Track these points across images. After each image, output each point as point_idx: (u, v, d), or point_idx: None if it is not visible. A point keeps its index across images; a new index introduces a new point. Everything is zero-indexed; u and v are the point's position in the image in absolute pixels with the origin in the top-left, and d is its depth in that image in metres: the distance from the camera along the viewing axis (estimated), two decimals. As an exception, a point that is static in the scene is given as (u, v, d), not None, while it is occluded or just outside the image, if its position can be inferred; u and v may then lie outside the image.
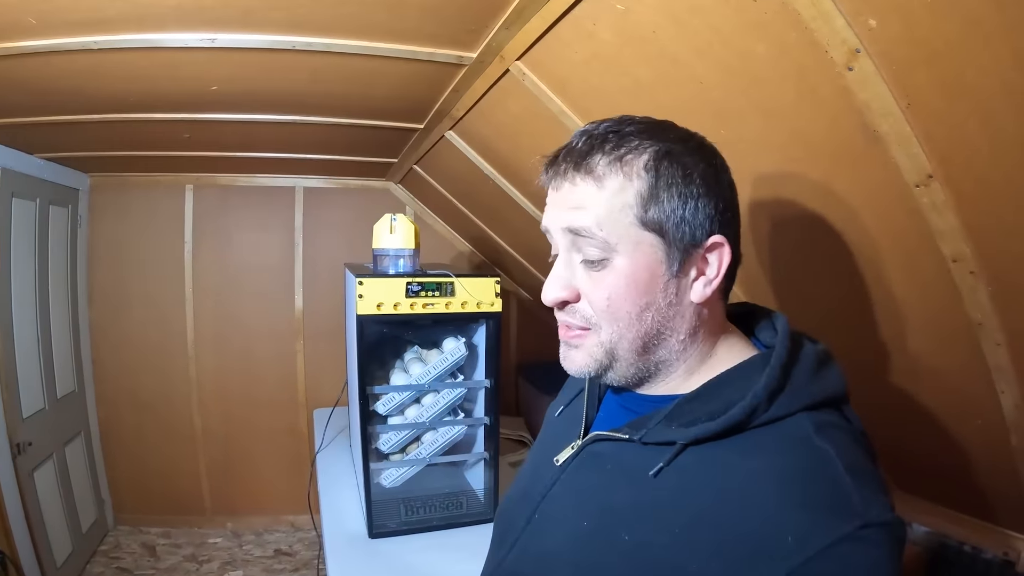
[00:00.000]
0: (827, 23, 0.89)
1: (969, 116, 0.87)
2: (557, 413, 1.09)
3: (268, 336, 4.15)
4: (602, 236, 0.77)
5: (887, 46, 0.87)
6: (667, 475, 0.77)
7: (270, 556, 3.97)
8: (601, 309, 0.79)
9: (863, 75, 0.92)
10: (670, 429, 0.78)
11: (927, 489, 1.72)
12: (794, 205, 1.30)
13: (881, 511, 0.65)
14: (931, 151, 0.95)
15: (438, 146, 2.71)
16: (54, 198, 3.49)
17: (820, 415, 0.75)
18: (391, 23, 1.53)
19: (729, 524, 0.69)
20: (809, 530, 0.64)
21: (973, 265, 1.06)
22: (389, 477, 2.29)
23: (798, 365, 0.78)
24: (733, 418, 0.73)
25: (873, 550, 0.63)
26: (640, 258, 0.77)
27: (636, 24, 1.21)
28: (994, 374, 1.22)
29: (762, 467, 0.71)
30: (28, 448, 3.12)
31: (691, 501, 0.73)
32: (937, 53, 0.83)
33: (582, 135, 0.81)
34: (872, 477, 0.70)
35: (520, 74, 1.65)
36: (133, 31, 1.58)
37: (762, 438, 0.74)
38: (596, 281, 0.79)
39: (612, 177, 0.77)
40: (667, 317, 0.80)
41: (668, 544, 0.72)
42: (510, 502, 1.04)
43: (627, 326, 0.79)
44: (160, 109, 2.31)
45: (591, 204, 0.77)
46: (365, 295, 2.02)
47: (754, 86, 1.14)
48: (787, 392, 0.75)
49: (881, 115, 0.95)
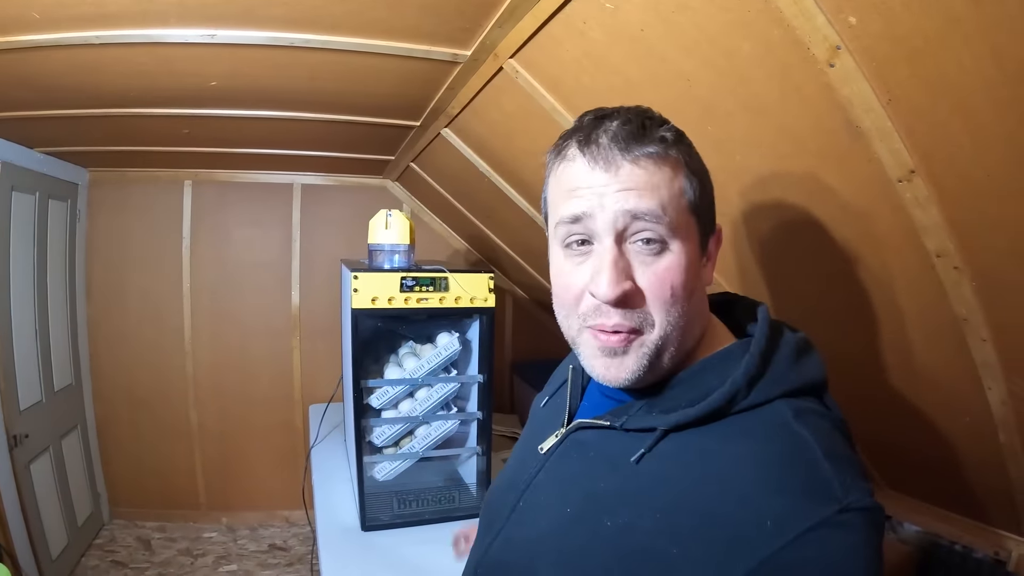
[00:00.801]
0: (808, 20, 0.91)
1: (950, 112, 0.89)
2: (542, 404, 1.10)
3: (264, 332, 4.16)
4: (667, 220, 0.74)
5: (868, 43, 0.89)
6: (648, 461, 0.77)
7: (264, 551, 3.97)
8: (664, 299, 0.76)
9: (844, 71, 0.93)
10: (651, 416, 0.79)
11: (918, 488, 1.72)
12: (781, 201, 1.31)
13: (860, 496, 0.66)
14: (913, 146, 0.97)
15: (434, 144, 2.72)
16: (53, 192, 3.50)
17: (799, 402, 0.76)
18: (390, 20, 1.53)
19: (709, 509, 0.69)
20: (788, 514, 0.65)
21: (957, 260, 1.07)
22: (382, 470, 2.31)
23: (778, 352, 0.79)
24: (712, 404, 0.74)
25: (851, 535, 0.64)
26: (689, 244, 0.77)
27: (625, 23, 1.22)
28: (980, 370, 1.22)
29: (741, 452, 0.71)
30: (25, 440, 3.13)
31: (672, 486, 0.73)
32: (917, 50, 0.84)
33: (609, 118, 0.78)
34: (851, 463, 0.70)
35: (513, 72, 1.66)
36: (135, 26, 1.59)
37: (741, 424, 0.74)
38: (656, 269, 0.76)
39: (670, 160, 0.76)
40: (697, 304, 0.81)
41: (650, 529, 0.72)
42: (496, 491, 1.05)
43: (680, 316, 0.77)
44: (160, 104, 2.32)
45: (655, 185, 0.75)
46: (360, 289, 2.03)
47: (740, 84, 1.15)
48: (766, 379, 0.76)
49: (863, 111, 0.97)
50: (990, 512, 1.56)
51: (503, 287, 4.36)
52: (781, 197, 1.31)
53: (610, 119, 0.77)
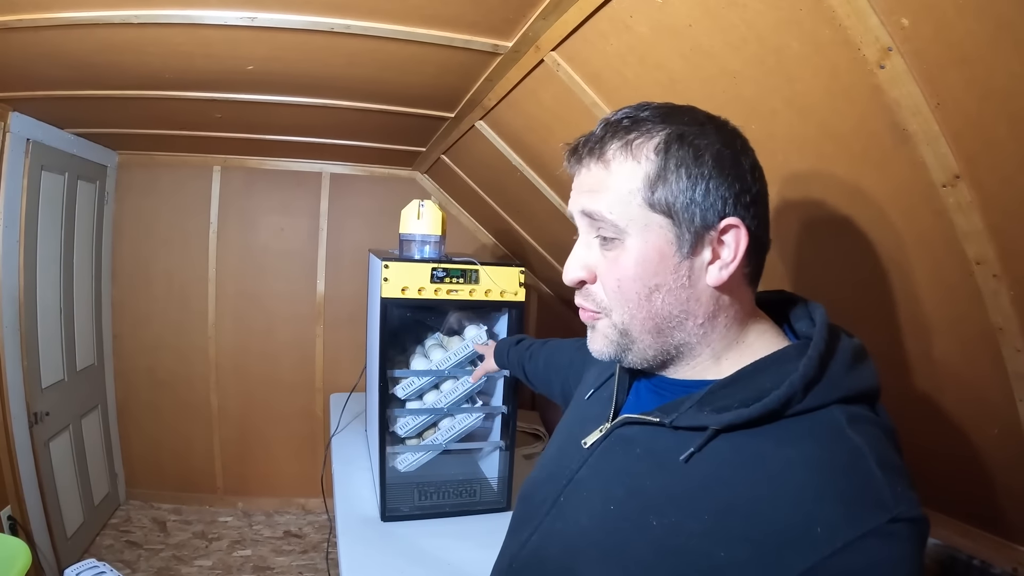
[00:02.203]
0: (861, 21, 0.90)
1: (998, 118, 0.88)
2: (587, 396, 1.09)
3: (288, 320, 4.19)
4: (611, 219, 0.79)
5: (919, 45, 0.88)
6: (698, 461, 0.76)
7: (279, 537, 4.00)
8: (612, 289, 0.82)
9: (894, 73, 0.93)
10: (702, 414, 0.78)
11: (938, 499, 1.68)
12: (821, 202, 1.30)
13: (910, 507, 0.65)
14: (959, 151, 0.96)
15: (467, 136, 2.72)
16: (82, 173, 3.54)
17: (853, 409, 0.75)
18: (432, 8, 1.54)
19: (759, 512, 0.69)
20: (838, 522, 0.64)
21: (996, 268, 1.05)
22: (404, 461, 2.32)
23: (835, 357, 0.77)
24: (768, 406, 0.73)
25: (899, 545, 0.64)
26: (650, 239, 0.78)
27: (673, 17, 1.22)
28: (1013, 382, 1.20)
29: (794, 457, 0.71)
30: (45, 418, 3.17)
31: (722, 488, 0.73)
32: (968, 54, 0.83)
33: (602, 122, 0.84)
34: (902, 472, 0.69)
35: (554, 65, 1.66)
36: (175, 7, 1.61)
37: (795, 428, 0.73)
38: (609, 262, 0.82)
39: (621, 161, 0.79)
40: (680, 300, 0.80)
41: (697, 531, 0.72)
42: (534, 485, 1.04)
43: (637, 307, 0.81)
44: (194, 88, 2.34)
45: (602, 188, 0.80)
46: (390, 278, 2.04)
47: (787, 83, 1.15)
48: (823, 384, 0.75)
49: (911, 113, 0.96)
50: (1012, 527, 1.52)
51: (528, 283, 4.31)
52: (820, 198, 1.30)
53: (600, 124, 0.84)
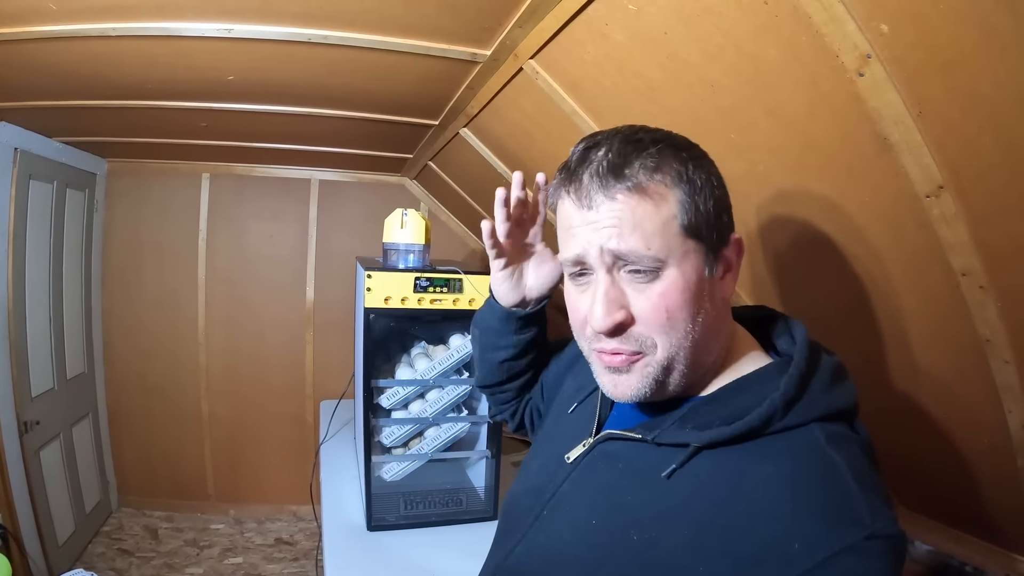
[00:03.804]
0: (838, 27, 0.88)
1: (982, 127, 0.86)
2: (570, 410, 1.07)
3: (278, 326, 4.18)
4: (651, 254, 0.74)
5: (900, 52, 0.86)
6: (679, 477, 0.77)
7: (271, 544, 3.99)
8: (660, 324, 0.76)
9: (874, 81, 0.91)
10: (684, 431, 0.78)
11: (931, 507, 1.69)
12: (803, 213, 1.29)
13: (887, 524, 0.65)
14: (942, 161, 0.94)
15: (453, 143, 2.71)
16: (71, 182, 3.52)
17: (831, 427, 0.75)
18: (408, 18, 1.53)
19: (738, 528, 0.69)
20: (816, 538, 0.65)
21: (983, 280, 1.04)
22: (390, 471, 2.30)
23: (816, 376, 0.78)
24: (749, 424, 0.73)
25: (875, 562, 0.64)
26: (688, 266, 0.76)
27: (648, 25, 1.20)
28: (1002, 393, 1.19)
29: (773, 473, 0.71)
30: (35, 427, 3.16)
31: (703, 504, 0.73)
32: (951, 61, 0.81)
33: (596, 148, 0.78)
34: (879, 489, 0.70)
35: (533, 73, 1.65)
36: (152, 19, 1.60)
37: (774, 445, 0.74)
38: (649, 296, 0.76)
39: (653, 189, 0.75)
40: (712, 319, 0.80)
41: (678, 545, 0.72)
42: (516, 497, 1.04)
43: (684, 336, 0.77)
44: (178, 97, 2.33)
45: (636, 221, 0.74)
46: (373, 288, 2.03)
47: (766, 91, 1.13)
48: (803, 402, 0.75)
49: (892, 123, 0.94)
50: (1003, 534, 1.52)
51: (518, 290, 4.32)
52: (803, 209, 1.28)
53: (596, 149, 0.78)
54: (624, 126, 0.81)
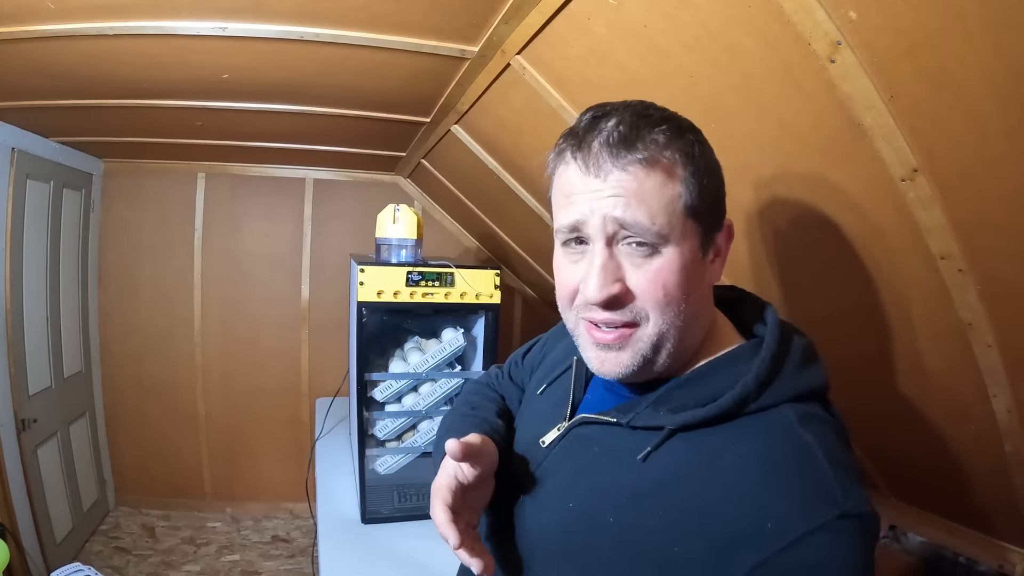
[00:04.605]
0: (809, 15, 0.90)
1: (952, 109, 0.87)
2: (539, 391, 1.07)
3: (274, 325, 4.18)
4: (655, 229, 0.74)
5: (868, 37, 0.87)
6: (655, 460, 0.77)
7: (267, 542, 3.99)
8: (656, 300, 0.76)
9: (845, 67, 0.92)
10: (659, 414, 0.79)
11: (922, 498, 1.69)
12: (782, 201, 1.30)
13: (858, 503, 0.66)
14: (916, 145, 0.95)
15: (444, 140, 2.72)
16: (68, 181, 3.53)
17: (803, 407, 0.76)
18: (398, 15, 1.55)
19: (712, 509, 0.70)
20: (788, 518, 0.66)
21: (962, 263, 1.05)
22: (384, 464, 2.31)
23: (788, 357, 0.79)
24: (722, 406, 0.74)
25: (848, 540, 0.65)
26: (686, 247, 0.76)
27: (628, 18, 1.22)
28: (986, 377, 1.20)
29: (747, 454, 0.72)
30: (33, 425, 3.16)
31: (678, 486, 0.74)
32: (918, 45, 0.83)
33: (606, 118, 0.77)
34: (851, 469, 0.70)
35: (520, 68, 1.66)
36: (148, 18, 1.61)
37: (748, 426, 0.74)
38: (647, 271, 0.76)
39: (664, 165, 0.75)
40: (701, 301, 0.81)
41: (654, 527, 0.73)
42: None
43: (676, 315, 0.77)
44: (173, 96, 2.34)
45: (644, 194, 0.74)
46: (366, 282, 2.05)
47: (742, 81, 1.14)
48: (776, 384, 0.76)
49: (865, 108, 0.95)
50: (995, 524, 1.53)
51: (512, 286, 4.37)
52: (783, 196, 1.29)
53: (606, 119, 0.77)
54: (635, 100, 0.81)
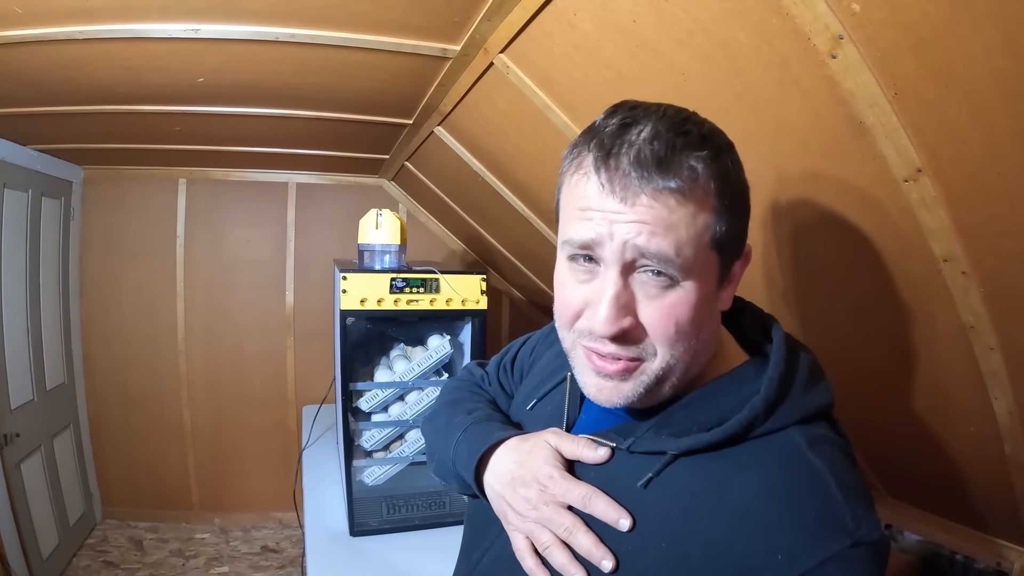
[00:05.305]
0: (809, 8, 0.86)
1: (959, 106, 0.84)
2: (529, 407, 1.01)
3: (259, 332, 4.15)
4: (678, 262, 0.67)
5: (872, 32, 0.84)
6: (656, 486, 0.74)
7: (257, 552, 3.97)
8: (667, 336, 0.70)
9: (847, 63, 0.89)
10: (660, 438, 0.75)
11: (920, 496, 1.71)
12: (779, 202, 1.27)
13: (870, 529, 0.64)
14: (920, 144, 0.92)
15: (428, 142, 2.70)
16: (47, 190, 3.48)
17: (811, 429, 0.73)
18: (375, 14, 1.52)
19: (718, 539, 0.67)
20: (799, 549, 0.63)
21: (965, 265, 1.03)
22: (372, 475, 2.27)
23: (795, 377, 0.75)
24: (729, 431, 0.71)
25: (860, 569, 0.63)
26: (705, 279, 0.71)
27: (616, 13, 1.18)
28: (987, 379, 1.19)
29: (754, 482, 0.69)
30: (16, 439, 3.11)
31: (680, 515, 0.71)
32: (924, 39, 0.79)
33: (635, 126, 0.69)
34: (862, 493, 0.68)
35: (504, 67, 1.63)
36: (117, 21, 1.58)
37: (754, 451, 0.71)
38: (660, 305, 0.70)
39: (698, 196, 0.67)
40: (712, 331, 0.77)
41: (655, 559, 0.70)
42: (482, 503, 0.96)
43: (686, 350, 0.72)
44: (149, 101, 2.31)
45: (672, 224, 0.67)
46: (349, 290, 2.02)
47: (737, 77, 1.11)
48: (784, 406, 0.73)
49: (867, 105, 0.92)
50: (993, 523, 1.54)
51: (500, 288, 4.35)
52: (779, 198, 1.27)
53: (636, 127, 0.68)
54: (668, 105, 0.73)
